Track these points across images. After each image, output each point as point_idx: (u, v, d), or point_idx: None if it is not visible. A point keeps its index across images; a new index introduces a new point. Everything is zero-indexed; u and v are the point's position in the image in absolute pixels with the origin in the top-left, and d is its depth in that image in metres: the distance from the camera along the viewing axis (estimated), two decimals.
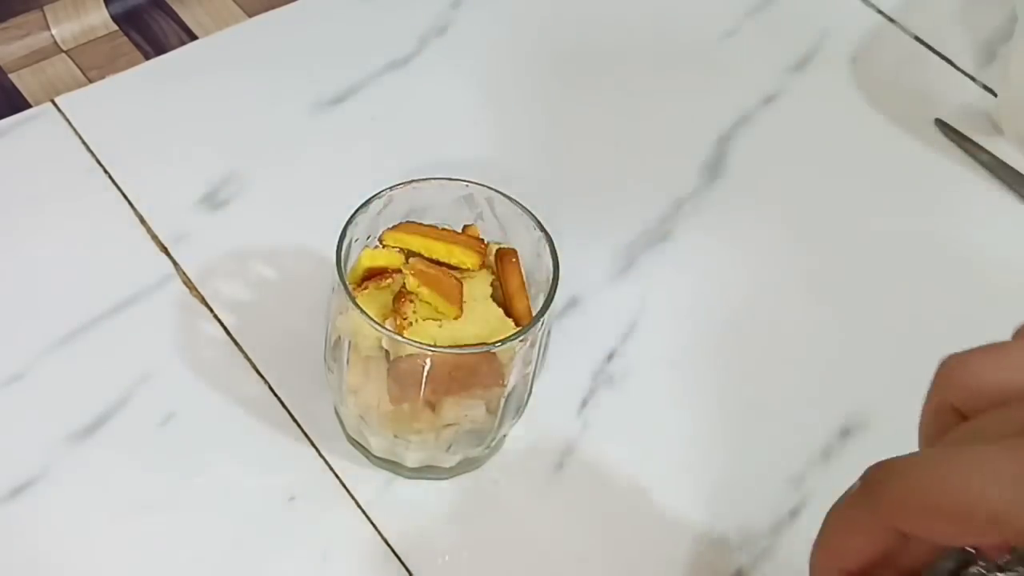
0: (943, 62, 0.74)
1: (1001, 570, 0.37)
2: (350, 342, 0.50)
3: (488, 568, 0.52)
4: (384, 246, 0.51)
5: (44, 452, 0.53)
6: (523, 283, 0.51)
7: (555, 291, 0.50)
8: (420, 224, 0.52)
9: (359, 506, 0.53)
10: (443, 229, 0.52)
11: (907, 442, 0.38)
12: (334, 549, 0.52)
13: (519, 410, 0.53)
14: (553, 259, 0.50)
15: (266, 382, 0.56)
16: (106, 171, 0.62)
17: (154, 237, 0.60)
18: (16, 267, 0.59)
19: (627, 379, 0.58)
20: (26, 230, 0.60)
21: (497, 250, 0.52)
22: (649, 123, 0.68)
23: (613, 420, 0.57)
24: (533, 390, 0.53)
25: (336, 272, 0.49)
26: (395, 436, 0.51)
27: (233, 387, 0.56)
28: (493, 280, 0.51)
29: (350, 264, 0.51)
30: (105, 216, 0.61)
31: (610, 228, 0.63)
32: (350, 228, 0.50)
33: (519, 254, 0.52)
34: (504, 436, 0.54)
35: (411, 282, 0.49)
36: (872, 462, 0.35)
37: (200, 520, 0.52)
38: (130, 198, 0.61)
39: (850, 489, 0.36)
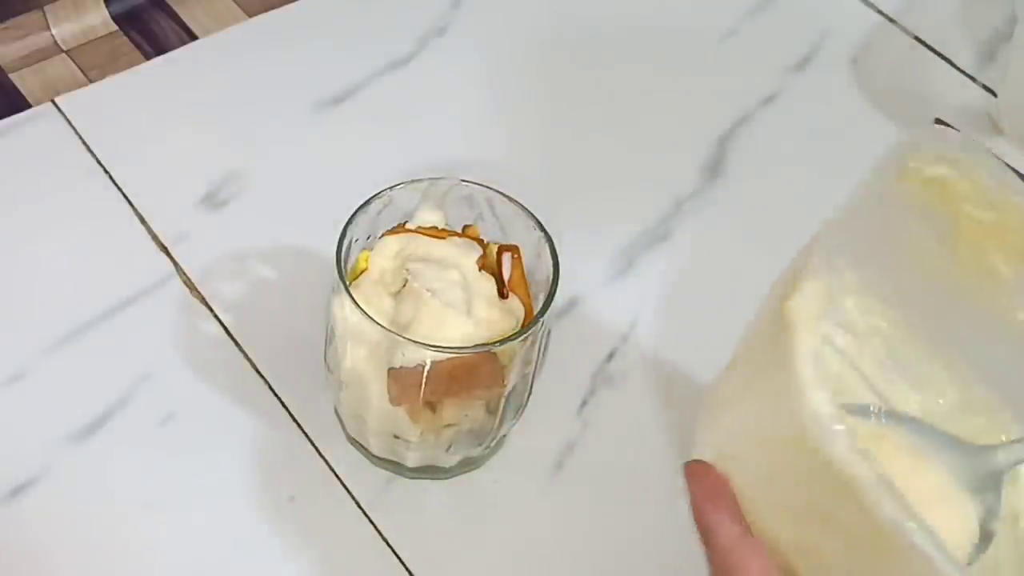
0: (943, 62, 0.74)
1: None
2: (350, 342, 0.50)
3: (488, 568, 0.52)
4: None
5: (44, 452, 0.53)
6: (524, 281, 0.51)
7: (555, 291, 0.50)
8: (420, 225, 0.52)
9: (359, 506, 0.53)
10: (443, 229, 0.52)
11: None
12: (334, 549, 0.52)
13: (519, 410, 0.53)
14: (553, 259, 0.50)
15: (266, 382, 0.56)
16: (106, 171, 0.62)
17: (154, 237, 0.60)
18: (16, 267, 0.59)
19: (627, 379, 0.58)
20: (26, 230, 0.60)
21: (499, 247, 0.52)
22: (649, 123, 0.68)
23: (613, 420, 0.57)
24: (533, 390, 0.53)
25: (336, 272, 0.49)
26: (395, 436, 0.51)
27: (233, 387, 0.56)
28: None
29: (350, 264, 0.51)
30: (105, 216, 0.61)
31: (610, 228, 0.63)
32: (350, 228, 0.50)
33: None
34: (504, 436, 0.54)
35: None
36: None
37: (200, 520, 0.52)
38: (130, 198, 0.61)
39: None
